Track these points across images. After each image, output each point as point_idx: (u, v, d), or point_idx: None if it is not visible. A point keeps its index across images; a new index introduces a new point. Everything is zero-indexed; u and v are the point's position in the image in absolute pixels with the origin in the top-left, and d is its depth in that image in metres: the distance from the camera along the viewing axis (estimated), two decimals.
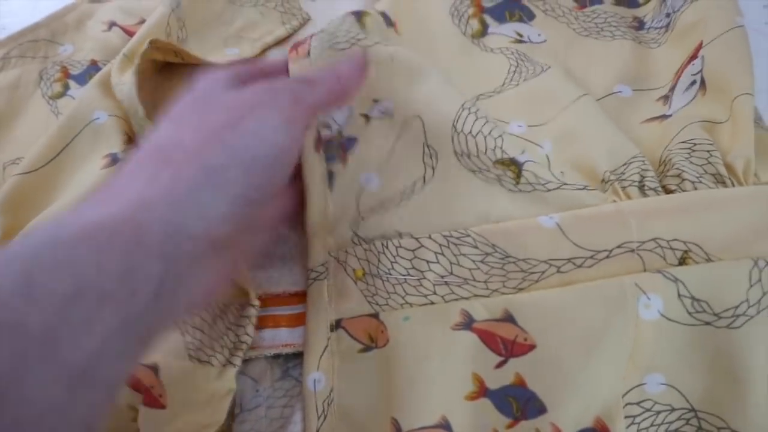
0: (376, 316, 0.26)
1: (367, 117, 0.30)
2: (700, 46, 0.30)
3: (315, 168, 0.28)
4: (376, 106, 0.30)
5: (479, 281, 0.25)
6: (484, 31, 0.36)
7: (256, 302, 0.27)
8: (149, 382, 0.25)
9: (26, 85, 0.39)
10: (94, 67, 0.38)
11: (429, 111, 0.29)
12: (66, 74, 0.38)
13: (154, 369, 0.26)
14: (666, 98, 0.31)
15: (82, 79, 0.38)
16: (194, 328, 0.27)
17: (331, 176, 0.29)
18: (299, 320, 0.27)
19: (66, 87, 0.38)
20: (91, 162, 0.32)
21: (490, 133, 0.28)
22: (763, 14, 0.37)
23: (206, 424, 0.25)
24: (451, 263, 0.26)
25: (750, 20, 0.32)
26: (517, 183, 0.27)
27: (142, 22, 0.39)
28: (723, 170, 0.25)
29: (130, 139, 0.32)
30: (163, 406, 0.25)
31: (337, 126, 0.29)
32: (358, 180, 0.29)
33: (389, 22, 0.35)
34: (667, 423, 0.23)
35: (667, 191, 0.25)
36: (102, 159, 0.31)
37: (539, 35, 0.35)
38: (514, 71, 0.33)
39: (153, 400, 0.25)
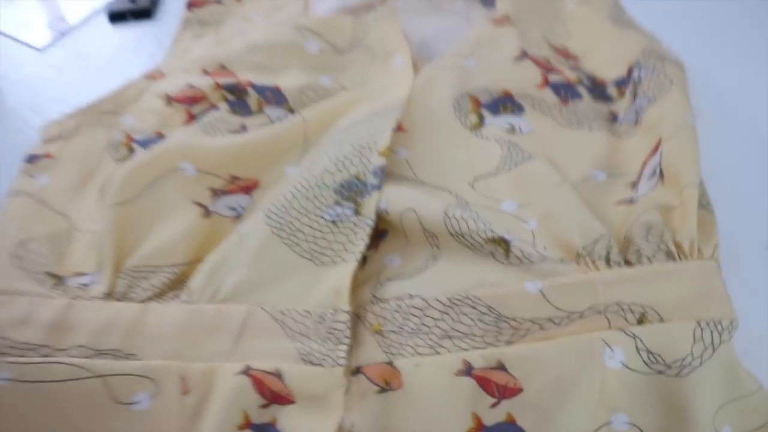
0: (390, 363, 0.31)
1: (386, 211, 0.36)
2: (659, 142, 0.37)
3: None
4: (380, 203, 0.36)
5: (477, 336, 0.30)
6: (481, 123, 0.42)
7: (348, 307, 0.32)
8: (278, 387, 0.30)
9: (96, 150, 0.44)
10: (159, 137, 0.43)
11: (419, 206, 0.35)
12: (130, 139, 0.44)
13: (278, 375, 0.30)
14: (634, 184, 0.37)
15: (147, 144, 0.43)
16: (301, 335, 0.32)
17: (365, 260, 0.35)
18: None
19: (131, 150, 0.43)
20: (179, 207, 0.38)
21: (476, 220, 0.34)
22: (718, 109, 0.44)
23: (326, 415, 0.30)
24: (453, 321, 0.31)
25: None
26: (507, 257, 0.33)
27: (191, 87, 0.45)
28: (673, 248, 0.31)
29: (215, 193, 0.39)
30: (292, 402, 0.30)
31: (371, 222, 0.35)
32: (383, 260, 0.35)
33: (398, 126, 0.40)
34: None
35: (628, 264, 0.31)
36: (194, 206, 0.38)
37: (528, 126, 0.42)
38: (506, 157, 0.39)
39: (283, 399, 0.30)
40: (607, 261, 0.31)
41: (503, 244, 0.32)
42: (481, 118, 0.42)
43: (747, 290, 0.34)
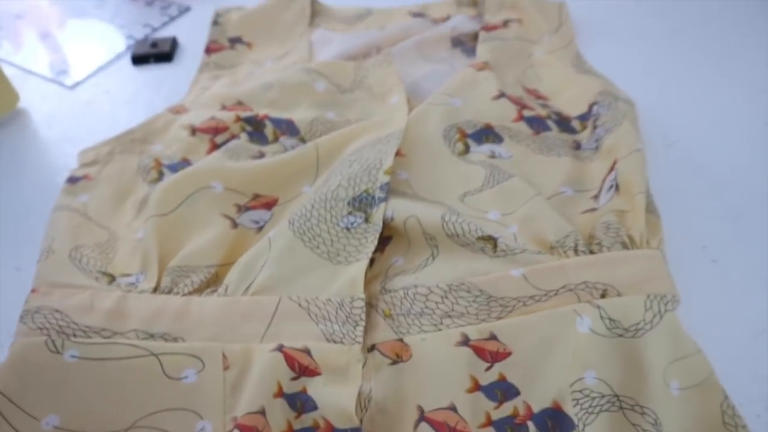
0: (400, 340, 0.37)
1: (392, 219, 0.43)
2: (615, 163, 0.44)
3: None
4: (386, 213, 0.43)
5: (472, 314, 0.37)
6: (467, 150, 0.49)
7: (363, 295, 0.38)
8: (306, 361, 0.36)
9: (129, 173, 0.50)
10: (185, 162, 0.50)
11: (420, 213, 0.42)
12: (159, 164, 0.50)
13: (307, 351, 0.36)
14: (596, 197, 0.45)
15: (175, 168, 0.49)
16: (324, 319, 0.38)
17: (372, 262, 0.41)
18: None
19: (161, 173, 0.50)
20: (211, 218, 0.44)
21: (469, 223, 0.41)
22: (662, 139, 0.52)
23: (348, 384, 0.35)
24: (452, 303, 0.38)
25: None
26: (495, 251, 0.39)
27: (213, 118, 0.52)
28: (627, 240, 0.38)
29: (240, 208, 0.45)
30: (319, 374, 0.35)
31: (379, 228, 0.42)
32: (389, 261, 0.42)
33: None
34: (600, 405, 0.34)
35: (592, 253, 0.38)
36: (223, 218, 0.44)
37: (507, 152, 0.49)
38: (489, 177, 0.47)
39: (311, 371, 0.36)
40: (575, 251, 0.38)
41: (492, 240, 0.39)
42: (467, 146, 0.50)
43: (688, 282, 0.41)
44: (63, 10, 0.76)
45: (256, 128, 0.52)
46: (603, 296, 0.36)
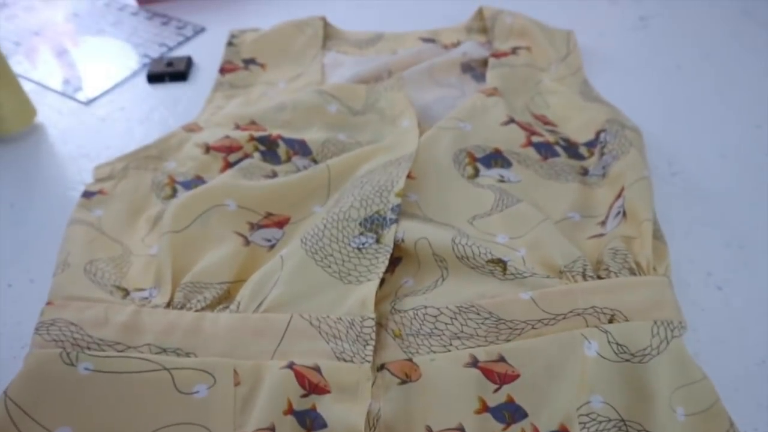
0: (410, 359, 0.38)
1: (403, 240, 0.43)
2: (622, 190, 0.45)
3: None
4: (397, 234, 0.44)
5: (481, 336, 0.38)
6: (476, 174, 0.50)
7: (373, 314, 0.38)
8: (317, 379, 0.36)
9: (143, 189, 0.51)
10: (199, 180, 0.51)
11: (431, 235, 0.43)
12: (173, 181, 0.51)
13: (317, 369, 0.37)
14: (603, 223, 0.45)
15: (188, 185, 0.50)
16: (334, 338, 0.38)
17: (382, 282, 0.42)
18: None
19: (174, 190, 0.50)
20: (224, 235, 0.45)
21: (478, 246, 0.41)
22: (668, 168, 0.53)
23: (357, 402, 0.35)
24: (461, 324, 0.38)
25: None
26: (504, 274, 0.40)
27: (227, 137, 0.53)
28: (634, 266, 0.39)
29: (252, 226, 0.46)
30: (329, 392, 0.36)
31: (390, 249, 0.42)
32: (400, 281, 0.43)
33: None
34: (606, 429, 0.34)
35: (600, 278, 0.39)
36: (236, 235, 0.45)
37: (516, 177, 0.50)
38: (498, 201, 0.47)
39: (321, 389, 0.36)
40: (584, 276, 0.39)
41: (501, 264, 0.40)
42: (476, 170, 0.50)
43: (693, 309, 0.42)
44: (79, 28, 0.78)
45: (269, 148, 0.53)
46: (611, 321, 0.37)
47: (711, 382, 0.36)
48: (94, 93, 0.66)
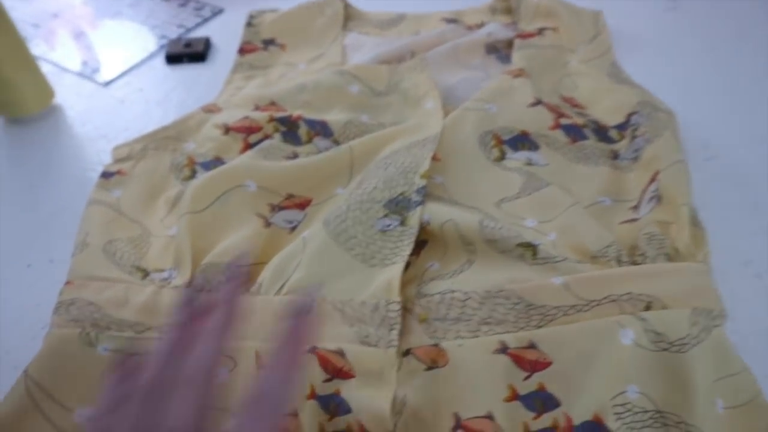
0: (437, 345, 0.36)
1: (429, 222, 0.42)
2: (657, 173, 0.44)
3: None
4: (423, 216, 0.42)
5: (510, 322, 0.36)
6: (502, 156, 0.49)
7: (399, 298, 0.37)
8: (341, 363, 0.35)
9: (162, 170, 0.50)
10: (218, 161, 0.50)
11: (458, 218, 0.41)
12: (192, 161, 0.50)
13: (341, 353, 0.36)
14: (635, 208, 0.44)
15: (208, 166, 0.49)
16: (359, 321, 0.37)
17: (408, 265, 0.41)
18: None
19: (193, 171, 0.50)
20: (244, 217, 0.44)
21: (508, 229, 0.40)
22: (702, 153, 0.51)
23: (382, 387, 0.34)
24: (490, 310, 0.37)
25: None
26: (534, 258, 0.39)
27: (246, 117, 0.52)
28: (672, 252, 0.37)
29: (273, 208, 0.45)
30: (353, 376, 0.35)
31: (415, 231, 0.41)
32: (425, 265, 0.41)
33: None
34: (642, 420, 0.33)
35: (635, 264, 0.37)
36: (257, 217, 0.44)
37: (543, 160, 0.48)
38: (526, 184, 0.46)
39: (345, 374, 0.35)
40: (618, 261, 0.38)
41: (531, 247, 0.39)
42: (502, 152, 0.49)
43: (731, 298, 0.40)
44: (97, 10, 0.77)
45: (290, 128, 0.52)
46: (647, 308, 0.35)
47: (752, 374, 0.34)
48: (112, 74, 0.66)
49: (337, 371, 0.35)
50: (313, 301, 0.31)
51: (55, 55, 0.69)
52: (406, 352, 0.37)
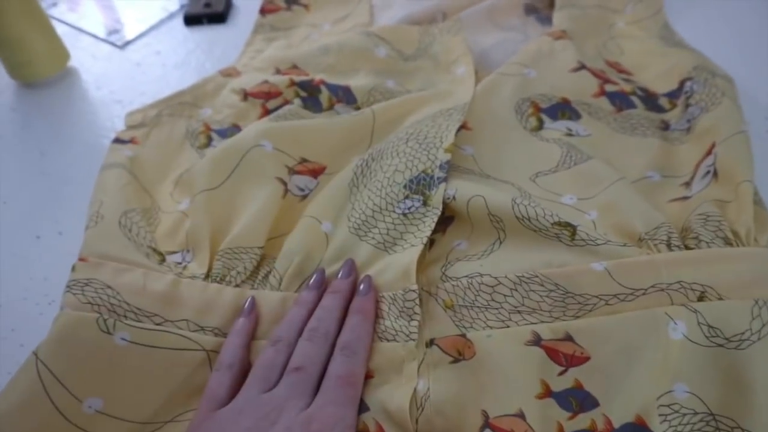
0: (463, 335, 0.33)
1: (454, 198, 0.38)
2: (713, 146, 0.39)
3: None
4: (448, 191, 0.39)
5: (545, 311, 0.33)
6: (540, 126, 0.45)
7: (415, 286, 0.34)
8: None
9: (177, 137, 0.48)
10: (235, 128, 0.47)
11: (487, 193, 0.38)
12: (208, 128, 0.47)
13: None
14: (687, 184, 0.39)
15: (224, 133, 0.47)
16: (377, 317, 0.35)
17: (432, 243, 0.38)
18: None
19: (209, 138, 0.47)
20: (262, 181, 0.41)
21: (543, 207, 0.36)
22: (764, 124, 0.46)
23: (404, 384, 0.32)
24: (522, 297, 0.33)
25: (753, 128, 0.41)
26: (573, 240, 0.35)
27: (266, 82, 0.49)
28: (730, 235, 0.33)
29: (289, 170, 0.42)
30: (371, 377, 0.33)
31: (438, 211, 0.38)
32: (451, 244, 0.38)
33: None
34: (692, 424, 0.29)
35: (688, 248, 0.33)
36: (277, 181, 0.41)
37: (585, 130, 0.44)
38: (566, 157, 0.42)
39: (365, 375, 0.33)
40: (668, 245, 0.34)
41: (569, 227, 0.35)
42: (540, 122, 0.45)
43: None
44: None
45: (310, 94, 0.48)
46: (701, 299, 0.31)
47: None
48: (129, 36, 0.63)
49: None
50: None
51: (72, 16, 0.67)
52: (430, 343, 0.34)
